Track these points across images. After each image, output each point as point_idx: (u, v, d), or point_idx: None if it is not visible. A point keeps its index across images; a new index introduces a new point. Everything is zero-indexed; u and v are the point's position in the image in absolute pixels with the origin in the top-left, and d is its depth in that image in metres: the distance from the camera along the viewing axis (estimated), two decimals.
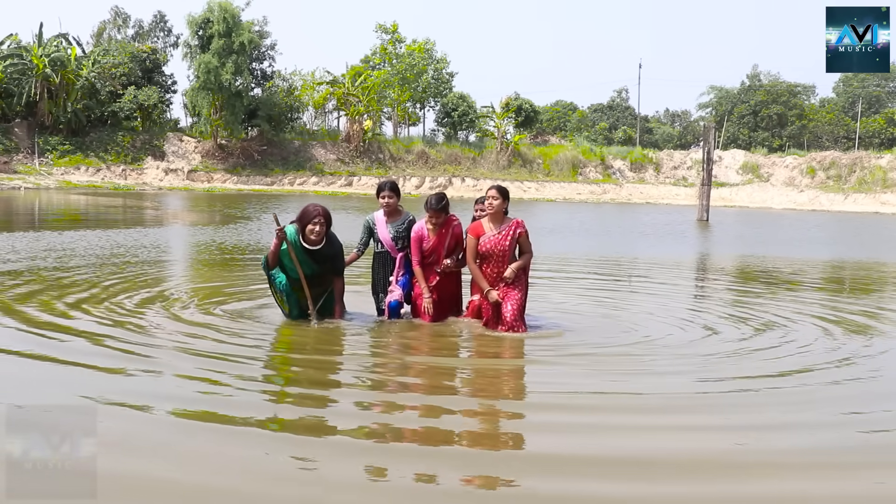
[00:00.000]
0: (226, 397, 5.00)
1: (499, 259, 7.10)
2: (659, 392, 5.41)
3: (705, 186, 33.08)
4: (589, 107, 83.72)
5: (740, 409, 5.08)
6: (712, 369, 6.11)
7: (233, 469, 3.77)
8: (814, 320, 8.46)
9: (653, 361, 6.35)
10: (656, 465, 4.00)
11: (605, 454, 4.15)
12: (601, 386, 5.56)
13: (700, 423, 4.76)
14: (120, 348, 6.05)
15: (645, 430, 4.60)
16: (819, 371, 6.11)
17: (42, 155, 49.61)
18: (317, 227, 7.04)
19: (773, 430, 4.65)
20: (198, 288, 9.70)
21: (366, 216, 7.78)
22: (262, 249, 15.00)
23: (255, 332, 6.96)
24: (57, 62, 50.83)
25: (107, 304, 8.01)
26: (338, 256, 7.34)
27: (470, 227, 7.23)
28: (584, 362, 6.22)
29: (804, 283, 12.77)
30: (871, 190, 52.83)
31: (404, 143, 58.92)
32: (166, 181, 50.44)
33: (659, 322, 8.13)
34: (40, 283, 9.39)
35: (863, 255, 18.40)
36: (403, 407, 4.89)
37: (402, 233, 7.53)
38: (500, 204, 7.10)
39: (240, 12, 52.81)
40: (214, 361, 5.78)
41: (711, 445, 4.32)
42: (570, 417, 4.78)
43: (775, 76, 78.84)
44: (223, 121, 52.89)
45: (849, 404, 5.22)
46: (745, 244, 21.36)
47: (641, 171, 61.37)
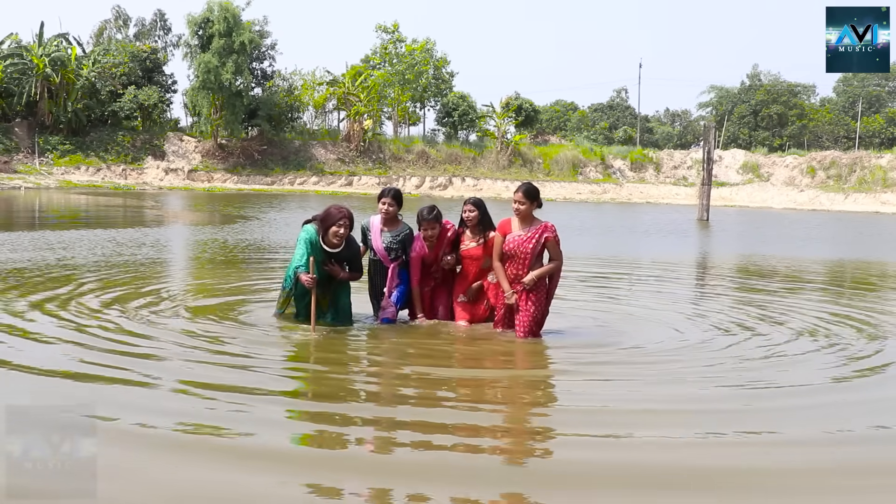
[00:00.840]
0: (225, 414, 4.65)
1: (520, 261, 6.75)
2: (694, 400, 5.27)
3: (705, 186, 33.10)
4: (589, 106, 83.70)
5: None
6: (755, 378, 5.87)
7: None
8: (851, 322, 8.36)
9: (686, 370, 6.08)
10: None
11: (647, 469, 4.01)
12: (639, 396, 5.36)
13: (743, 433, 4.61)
14: (96, 360, 5.72)
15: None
16: (858, 379, 6.01)
17: (42, 155, 49.63)
18: (341, 229, 6.80)
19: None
20: (201, 288, 9.70)
21: (362, 220, 7.46)
22: (265, 248, 15.00)
23: (252, 338, 6.65)
24: (57, 62, 50.85)
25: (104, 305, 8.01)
26: (355, 258, 7.15)
27: (499, 224, 6.94)
28: (616, 371, 6.00)
29: (822, 283, 12.76)
30: (871, 189, 52.83)
31: (404, 143, 58.93)
32: (166, 181, 50.46)
33: (689, 327, 7.91)
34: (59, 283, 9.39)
35: (882, 256, 18.37)
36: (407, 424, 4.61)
37: (395, 244, 7.30)
38: (526, 208, 6.74)
39: (240, 12, 52.86)
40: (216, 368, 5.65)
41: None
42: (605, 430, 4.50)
43: (775, 76, 78.86)
44: (223, 120, 52.90)
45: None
46: (748, 244, 21.40)
47: (642, 170, 61.38)
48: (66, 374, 5.30)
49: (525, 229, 6.75)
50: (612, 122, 79.12)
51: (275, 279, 9.99)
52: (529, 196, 6.75)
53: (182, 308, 7.92)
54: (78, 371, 5.40)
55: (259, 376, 5.44)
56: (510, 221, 6.84)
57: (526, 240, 6.71)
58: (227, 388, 5.07)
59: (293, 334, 6.86)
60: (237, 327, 7.10)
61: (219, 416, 4.54)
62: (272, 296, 8.31)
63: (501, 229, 6.84)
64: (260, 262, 13.27)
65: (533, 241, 6.70)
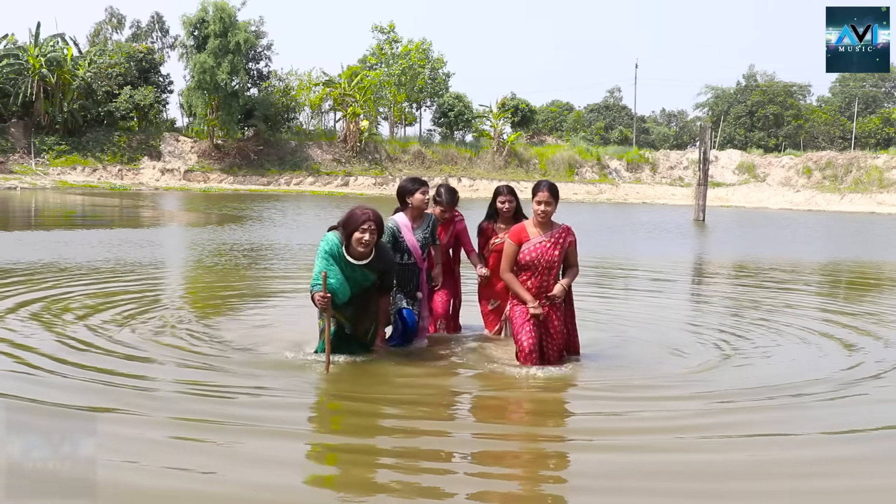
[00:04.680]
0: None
1: (544, 271, 5.92)
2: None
3: (702, 186, 33.10)
4: (585, 107, 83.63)
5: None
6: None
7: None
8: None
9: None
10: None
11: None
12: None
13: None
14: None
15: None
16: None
17: (38, 155, 49.50)
18: (366, 235, 5.62)
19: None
20: (200, 296, 9.69)
21: (387, 222, 6.41)
22: (259, 248, 14.99)
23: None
24: (53, 62, 50.73)
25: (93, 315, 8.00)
26: (389, 272, 5.97)
27: (511, 231, 6.10)
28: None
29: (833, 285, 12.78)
30: (867, 190, 52.88)
31: (401, 143, 58.88)
32: (163, 181, 50.37)
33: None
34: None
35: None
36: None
37: (428, 238, 6.67)
38: (552, 209, 5.91)
39: (235, 12, 52.77)
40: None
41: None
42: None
43: (771, 76, 78.98)
44: (219, 121, 52.79)
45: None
46: (750, 244, 21.43)
47: (638, 171, 61.39)
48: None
49: (546, 234, 5.94)
50: (608, 123, 79.08)
51: (269, 289, 9.94)
52: (556, 195, 5.95)
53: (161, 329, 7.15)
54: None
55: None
56: (524, 227, 6.01)
57: (550, 246, 5.91)
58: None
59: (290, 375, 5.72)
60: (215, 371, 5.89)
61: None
62: (252, 316, 7.96)
63: (516, 237, 5.98)
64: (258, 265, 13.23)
65: (559, 248, 5.93)
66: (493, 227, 6.99)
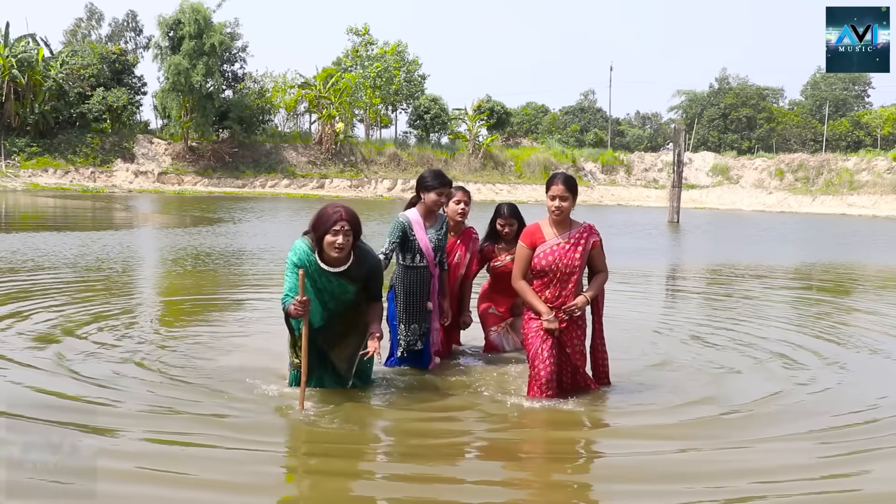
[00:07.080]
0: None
1: (563, 278, 5.02)
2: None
3: (676, 188, 33.34)
4: (560, 109, 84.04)
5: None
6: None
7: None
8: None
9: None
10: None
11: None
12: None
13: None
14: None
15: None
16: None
17: (9, 157, 48.82)
18: (339, 237, 4.66)
19: None
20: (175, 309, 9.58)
21: (398, 216, 5.77)
22: (240, 252, 14.88)
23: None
24: (24, 63, 50.05)
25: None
26: (373, 277, 5.00)
27: (525, 232, 5.23)
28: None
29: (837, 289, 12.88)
30: (837, 192, 53.55)
31: (376, 146, 58.79)
32: (136, 183, 49.90)
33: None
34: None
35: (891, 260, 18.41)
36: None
37: (442, 240, 5.80)
38: (569, 205, 5.03)
39: (211, 14, 52.44)
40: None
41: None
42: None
43: (744, 79, 79.85)
44: (194, 123, 52.41)
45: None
46: (727, 246, 21.54)
47: (612, 173, 61.76)
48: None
49: (565, 235, 5.05)
50: (583, 125, 79.44)
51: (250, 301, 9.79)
52: (573, 188, 5.07)
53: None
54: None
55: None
56: (539, 227, 5.12)
57: (570, 248, 5.02)
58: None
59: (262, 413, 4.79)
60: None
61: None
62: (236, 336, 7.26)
63: (529, 239, 5.12)
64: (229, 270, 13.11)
65: (580, 250, 5.04)
66: (493, 248, 6.32)
